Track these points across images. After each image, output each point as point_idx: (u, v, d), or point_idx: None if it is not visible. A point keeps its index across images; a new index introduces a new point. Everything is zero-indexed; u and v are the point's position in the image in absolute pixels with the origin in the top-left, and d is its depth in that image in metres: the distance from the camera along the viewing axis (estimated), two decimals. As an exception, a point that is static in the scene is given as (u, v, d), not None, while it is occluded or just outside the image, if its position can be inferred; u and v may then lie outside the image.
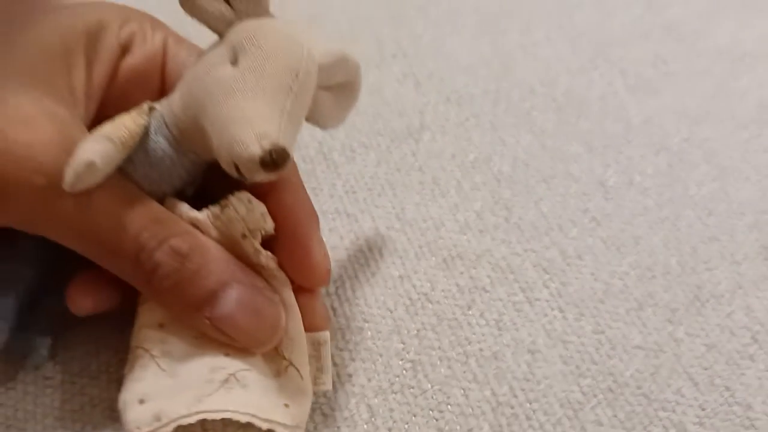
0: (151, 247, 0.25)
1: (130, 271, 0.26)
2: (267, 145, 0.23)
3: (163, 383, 0.25)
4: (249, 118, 0.23)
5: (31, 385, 0.29)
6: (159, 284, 0.26)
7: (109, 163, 0.24)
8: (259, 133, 0.23)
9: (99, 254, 0.26)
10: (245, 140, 0.23)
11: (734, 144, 0.36)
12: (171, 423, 0.25)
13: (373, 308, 0.31)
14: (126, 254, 0.25)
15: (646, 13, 0.44)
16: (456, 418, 0.28)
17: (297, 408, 0.26)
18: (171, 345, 0.26)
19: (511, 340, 0.30)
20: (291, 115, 0.24)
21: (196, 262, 0.25)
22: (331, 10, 0.45)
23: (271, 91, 0.24)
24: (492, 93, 0.40)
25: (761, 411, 0.27)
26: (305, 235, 0.27)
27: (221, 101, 0.24)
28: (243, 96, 0.24)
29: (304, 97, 0.25)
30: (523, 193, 0.35)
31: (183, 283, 0.25)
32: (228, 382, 0.25)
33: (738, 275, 0.31)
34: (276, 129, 0.24)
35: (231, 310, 0.26)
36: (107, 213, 0.25)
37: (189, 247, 0.26)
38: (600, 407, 0.28)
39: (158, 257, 0.25)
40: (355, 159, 0.36)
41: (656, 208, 0.34)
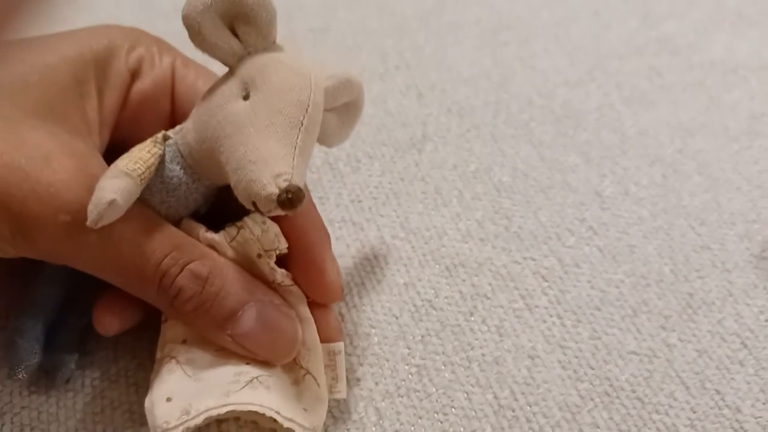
0: (174, 273, 0.26)
1: (154, 295, 0.27)
2: (283, 184, 0.24)
3: (190, 386, 0.27)
4: (264, 158, 0.25)
5: (54, 389, 0.30)
6: (182, 307, 0.27)
7: (129, 199, 0.26)
8: (275, 174, 0.25)
9: (123, 282, 0.27)
10: (262, 180, 0.25)
11: (726, 155, 0.38)
12: (200, 415, 0.26)
13: (380, 314, 0.32)
14: (149, 281, 0.26)
15: (642, 27, 0.45)
16: (460, 421, 0.29)
17: (314, 414, 0.27)
18: (195, 354, 0.27)
19: (511, 346, 0.31)
20: (302, 150, 0.26)
21: (216, 285, 0.27)
22: (335, 23, 0.46)
23: (283, 128, 0.25)
24: (492, 104, 0.41)
25: (750, 414, 0.29)
26: (319, 254, 0.29)
27: (235, 138, 0.26)
28: (257, 134, 0.25)
29: (313, 129, 0.27)
30: (523, 203, 0.36)
31: (205, 305, 0.27)
32: (252, 383, 0.27)
33: (728, 283, 0.33)
34: (290, 167, 0.25)
35: (251, 328, 0.27)
36: (129, 243, 0.26)
37: (209, 271, 0.27)
38: (596, 410, 0.29)
39: (180, 282, 0.26)
40: (360, 169, 0.38)
41: (650, 218, 0.35)
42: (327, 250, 0.29)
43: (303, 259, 0.28)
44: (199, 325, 0.27)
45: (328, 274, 0.29)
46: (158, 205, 0.28)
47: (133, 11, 0.46)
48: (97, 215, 0.25)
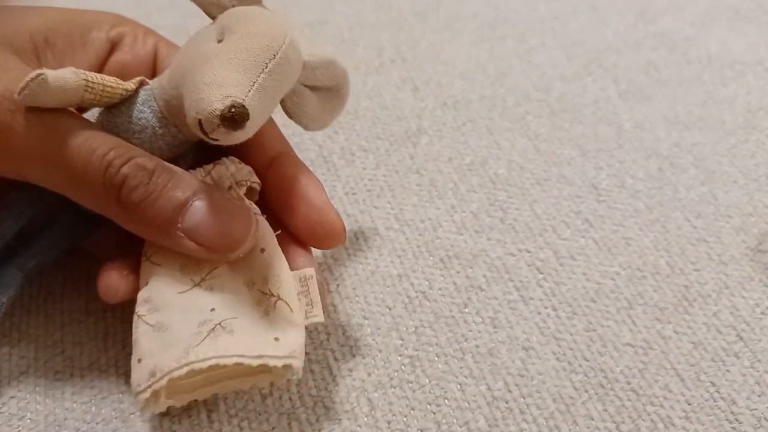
0: (119, 163, 0.26)
1: (100, 190, 0.26)
2: (229, 102, 0.25)
3: (154, 340, 0.26)
4: (219, 82, 0.25)
5: (42, 378, 0.30)
6: (128, 198, 0.26)
7: (61, 87, 0.26)
8: (224, 94, 0.25)
9: (67, 180, 0.27)
10: (211, 98, 0.25)
11: (722, 149, 0.38)
12: (164, 377, 0.25)
13: (373, 306, 0.32)
14: (94, 173, 0.26)
15: (639, 22, 0.45)
16: (453, 412, 0.29)
17: (289, 338, 0.26)
18: (157, 302, 0.27)
19: (506, 338, 0.31)
20: (262, 90, 0.26)
21: (163, 177, 0.27)
22: (332, 16, 0.46)
23: (246, 64, 0.26)
24: (488, 98, 0.41)
25: (745, 406, 0.28)
26: (317, 197, 0.29)
27: (198, 68, 0.26)
28: (219, 64, 0.26)
29: (279, 78, 0.27)
30: (518, 195, 0.36)
31: (152, 195, 0.26)
32: (214, 331, 0.26)
33: (724, 276, 0.32)
34: (242, 93, 0.25)
35: (203, 216, 0.26)
36: (76, 135, 0.26)
37: (155, 165, 0.27)
38: (591, 402, 0.29)
39: (125, 171, 0.26)
40: (354, 162, 0.37)
41: (647, 211, 0.35)
42: (323, 192, 0.29)
43: (302, 205, 0.28)
44: (149, 223, 0.27)
45: (329, 213, 0.29)
46: None
47: (127, 3, 0.46)
48: (24, 84, 0.25)
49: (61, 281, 0.33)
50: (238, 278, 0.28)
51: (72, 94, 0.26)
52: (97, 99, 0.27)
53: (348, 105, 0.40)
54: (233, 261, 0.28)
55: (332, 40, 0.44)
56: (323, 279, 0.29)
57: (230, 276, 0.28)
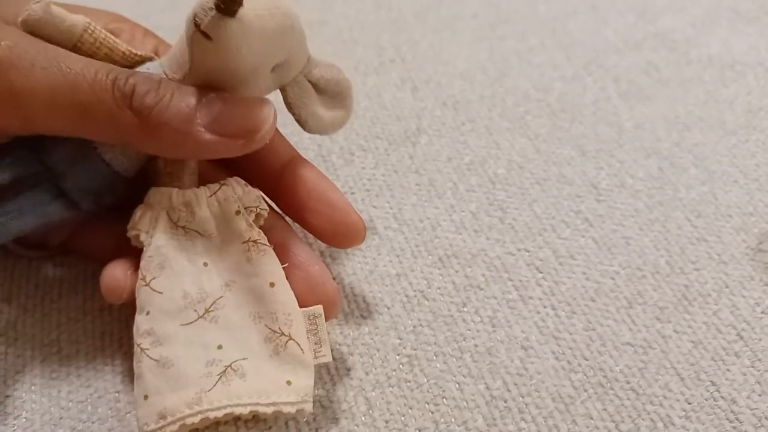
0: (124, 76, 0.26)
1: (111, 107, 0.26)
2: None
3: (160, 377, 0.26)
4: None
5: (38, 377, 0.30)
6: (142, 103, 0.26)
7: (63, 16, 0.26)
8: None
9: (76, 107, 0.26)
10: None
11: (723, 149, 0.37)
12: (176, 422, 0.25)
13: (371, 305, 0.32)
14: (102, 90, 0.26)
15: (639, 22, 0.45)
16: (451, 411, 0.29)
17: (301, 382, 0.26)
18: (159, 336, 0.27)
19: (504, 337, 0.31)
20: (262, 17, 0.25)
21: (171, 85, 0.27)
22: (332, 16, 0.46)
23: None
24: (488, 98, 0.41)
25: (745, 405, 0.28)
26: (339, 198, 0.29)
27: None
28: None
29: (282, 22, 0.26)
30: (518, 195, 0.36)
31: (165, 98, 0.26)
32: (226, 374, 0.26)
33: (725, 275, 0.32)
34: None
35: (222, 108, 0.26)
36: (75, 62, 0.26)
37: (159, 77, 0.27)
38: (590, 401, 0.29)
39: (132, 80, 0.26)
40: (353, 161, 0.37)
41: (646, 210, 0.35)
42: (342, 194, 0.30)
43: (324, 206, 0.29)
44: (166, 123, 0.26)
45: (352, 214, 0.29)
46: None
47: (128, 3, 0.46)
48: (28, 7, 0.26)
49: (58, 280, 0.33)
50: (244, 310, 0.27)
51: (71, 28, 0.26)
52: (96, 46, 0.27)
53: (347, 105, 0.40)
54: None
55: (332, 41, 0.44)
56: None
57: (235, 307, 0.27)
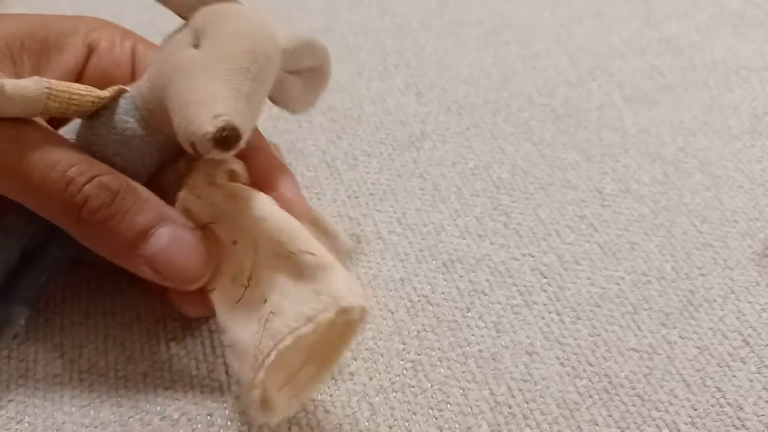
0: (81, 181, 0.26)
1: (59, 208, 0.26)
2: (220, 123, 0.24)
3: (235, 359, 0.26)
4: (205, 99, 0.25)
5: (41, 382, 0.30)
6: (89, 219, 0.26)
7: (22, 96, 0.25)
8: (214, 114, 0.24)
9: (28, 193, 0.26)
10: (200, 119, 0.24)
11: (728, 154, 0.37)
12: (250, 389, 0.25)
13: (375, 309, 0.31)
14: (53, 188, 0.26)
15: (644, 28, 0.45)
16: (455, 417, 0.28)
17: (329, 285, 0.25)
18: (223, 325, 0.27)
19: (509, 342, 0.30)
20: (249, 97, 0.25)
21: (128, 200, 0.26)
22: (336, 23, 0.46)
23: (229, 73, 0.25)
24: (492, 103, 0.40)
25: (752, 412, 0.28)
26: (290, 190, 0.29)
27: (181, 82, 0.25)
28: (201, 77, 0.25)
29: (263, 79, 0.26)
30: (522, 200, 0.35)
31: (115, 218, 0.26)
32: (268, 321, 0.25)
33: (730, 281, 0.32)
34: (230, 109, 0.25)
35: (166, 245, 0.26)
36: (35, 149, 0.26)
37: (120, 185, 0.26)
38: (595, 407, 0.28)
39: (88, 190, 0.26)
40: (357, 166, 0.37)
41: (652, 215, 0.35)
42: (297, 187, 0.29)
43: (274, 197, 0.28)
44: (109, 246, 0.26)
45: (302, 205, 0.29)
46: (112, 157, 0.27)
47: (134, 9, 0.46)
48: None
49: (61, 284, 0.33)
50: (272, 255, 0.27)
51: (33, 103, 0.26)
52: (63, 107, 0.26)
53: (351, 110, 0.40)
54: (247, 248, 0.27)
55: (337, 46, 0.44)
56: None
57: (268, 256, 0.27)
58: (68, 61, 0.30)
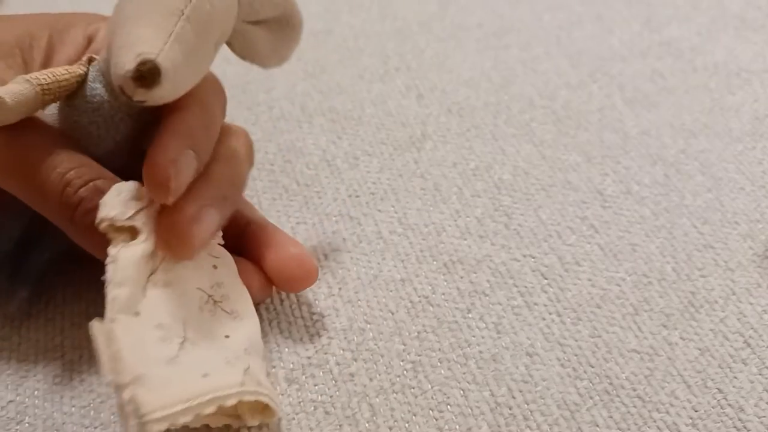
0: (77, 184, 0.26)
1: (55, 208, 0.27)
2: (138, 60, 0.24)
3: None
4: (132, 42, 0.25)
5: (42, 383, 0.30)
6: (81, 221, 0.26)
7: (21, 102, 0.26)
8: (137, 53, 0.24)
9: (26, 191, 0.27)
10: (124, 61, 0.25)
11: (729, 156, 0.37)
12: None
13: (375, 310, 0.31)
14: (51, 189, 0.26)
15: (645, 31, 0.45)
16: (455, 418, 0.28)
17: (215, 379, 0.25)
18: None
19: (509, 343, 0.30)
20: (181, 38, 0.25)
21: None
22: (337, 26, 0.46)
23: (158, 16, 0.25)
24: (492, 105, 0.41)
25: (753, 413, 0.28)
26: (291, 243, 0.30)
27: (118, 30, 0.26)
28: (134, 22, 0.25)
29: (202, 22, 0.26)
30: (523, 201, 0.35)
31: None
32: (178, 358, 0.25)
33: (731, 282, 0.32)
34: (155, 49, 0.25)
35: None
36: (37, 150, 0.27)
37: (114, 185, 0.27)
38: (596, 408, 0.28)
39: (82, 193, 0.26)
40: (358, 166, 0.37)
41: (653, 217, 0.35)
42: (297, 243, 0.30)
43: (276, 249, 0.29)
44: (98, 246, 0.26)
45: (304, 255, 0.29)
46: (88, 126, 0.28)
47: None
48: None
49: (61, 285, 0.33)
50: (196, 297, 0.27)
51: (32, 104, 0.26)
52: (56, 96, 0.27)
53: (352, 111, 0.40)
54: None
55: (338, 49, 0.44)
56: None
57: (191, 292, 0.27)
58: (70, 53, 0.31)
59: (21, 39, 0.30)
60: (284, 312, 0.31)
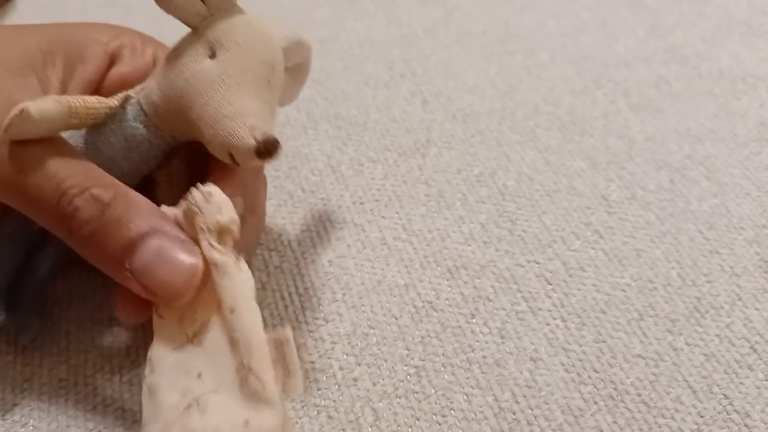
0: (72, 193, 0.26)
1: (52, 219, 0.26)
2: (260, 136, 0.26)
3: (148, 406, 0.25)
4: (239, 112, 0.26)
5: (46, 386, 0.30)
6: (79, 231, 0.26)
7: (45, 117, 0.26)
8: (251, 126, 0.26)
9: (24, 202, 0.27)
10: (240, 133, 0.26)
11: (735, 161, 0.37)
12: None
13: (379, 315, 0.31)
14: (48, 200, 0.26)
15: (650, 37, 0.45)
16: (459, 423, 0.28)
17: (263, 421, 0.24)
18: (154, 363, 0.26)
19: (513, 348, 0.30)
20: (272, 106, 0.27)
21: (117, 211, 0.26)
22: (343, 33, 0.46)
23: (253, 85, 0.27)
24: (497, 111, 0.41)
25: (759, 419, 0.28)
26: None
27: (208, 95, 0.27)
28: (228, 90, 0.26)
29: (279, 86, 0.28)
30: (527, 207, 0.35)
31: (103, 231, 0.26)
32: (189, 408, 0.24)
33: (737, 287, 0.32)
34: (262, 121, 0.26)
35: (150, 260, 0.25)
36: (36, 162, 0.26)
37: (111, 197, 0.26)
38: (600, 414, 0.28)
39: (77, 203, 0.26)
40: (363, 172, 0.37)
41: (658, 222, 0.35)
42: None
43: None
44: (98, 257, 0.26)
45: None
46: (122, 161, 0.28)
47: (143, 20, 0.46)
48: (7, 122, 0.25)
49: (67, 290, 0.33)
50: (225, 336, 0.25)
51: (57, 123, 0.26)
52: (82, 122, 0.27)
53: (357, 117, 0.40)
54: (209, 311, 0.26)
55: (343, 56, 0.45)
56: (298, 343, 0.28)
57: (220, 332, 0.26)
58: (91, 71, 0.30)
59: (32, 56, 0.29)
60: (288, 317, 0.31)
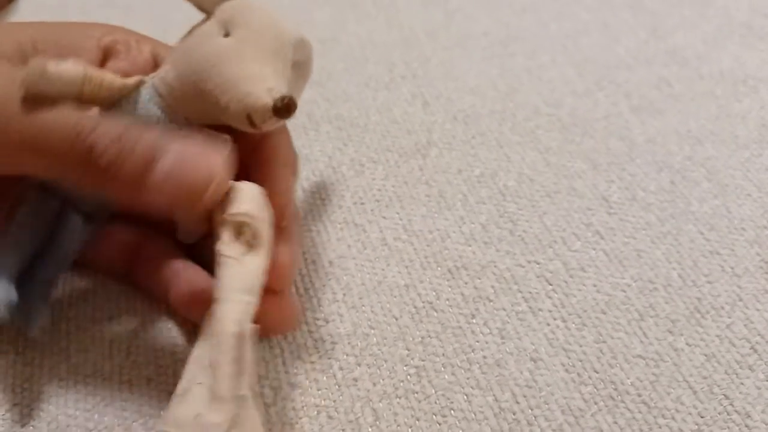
0: (87, 131, 0.27)
1: (69, 160, 0.27)
2: (277, 94, 0.26)
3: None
4: (257, 75, 0.27)
5: (46, 386, 0.30)
6: (97, 164, 0.27)
7: (61, 77, 0.26)
8: (267, 87, 0.26)
9: (39, 153, 0.27)
10: (257, 93, 0.26)
11: (736, 163, 0.37)
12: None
13: (379, 315, 0.31)
14: (64, 142, 0.27)
15: (651, 39, 0.45)
16: (459, 423, 0.28)
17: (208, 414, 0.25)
18: None
19: (514, 349, 0.30)
20: (285, 76, 0.28)
21: (131, 139, 0.27)
22: (343, 35, 0.46)
23: (269, 55, 0.27)
24: (498, 113, 0.41)
25: (760, 420, 0.28)
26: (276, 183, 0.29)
27: (225, 65, 0.27)
28: (244, 59, 0.27)
29: (290, 63, 0.28)
30: (528, 207, 0.35)
31: (121, 155, 0.26)
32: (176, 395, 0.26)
33: (738, 288, 0.32)
34: (281, 84, 0.27)
35: (171, 164, 0.26)
36: (50, 112, 0.27)
37: (124, 129, 0.27)
38: (601, 414, 0.28)
39: (93, 137, 0.27)
40: (363, 173, 0.37)
41: (658, 223, 0.35)
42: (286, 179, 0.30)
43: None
44: (119, 184, 0.27)
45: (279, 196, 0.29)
46: None
47: (143, 21, 0.47)
48: (25, 73, 0.26)
49: (67, 289, 0.33)
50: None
51: (71, 84, 0.27)
52: (95, 92, 0.27)
53: (358, 119, 0.40)
54: None
55: (344, 57, 0.45)
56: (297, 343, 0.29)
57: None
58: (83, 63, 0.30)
59: (23, 44, 0.30)
60: (288, 317, 0.31)
